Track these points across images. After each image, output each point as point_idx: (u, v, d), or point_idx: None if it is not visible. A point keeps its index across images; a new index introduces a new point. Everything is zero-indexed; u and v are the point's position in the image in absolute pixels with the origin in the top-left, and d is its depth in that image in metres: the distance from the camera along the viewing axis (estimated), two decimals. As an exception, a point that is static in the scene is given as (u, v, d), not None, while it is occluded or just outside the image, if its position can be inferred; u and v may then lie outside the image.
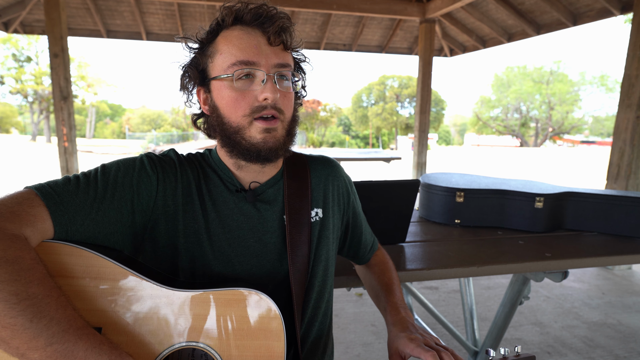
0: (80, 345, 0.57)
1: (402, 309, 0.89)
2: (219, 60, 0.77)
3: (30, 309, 0.55)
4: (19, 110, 42.41)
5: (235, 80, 0.76)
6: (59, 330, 0.56)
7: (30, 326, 0.54)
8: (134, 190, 0.75)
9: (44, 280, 0.59)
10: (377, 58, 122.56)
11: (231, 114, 0.78)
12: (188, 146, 20.97)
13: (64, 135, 5.16)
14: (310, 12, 6.73)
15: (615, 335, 2.62)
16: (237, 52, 0.75)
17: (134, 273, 0.69)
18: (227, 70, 0.76)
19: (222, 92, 0.78)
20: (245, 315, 0.72)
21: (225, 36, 0.77)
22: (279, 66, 0.77)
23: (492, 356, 0.72)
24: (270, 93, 0.75)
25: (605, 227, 1.77)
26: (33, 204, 0.65)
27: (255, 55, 0.75)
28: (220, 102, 0.79)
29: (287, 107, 0.80)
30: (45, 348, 0.55)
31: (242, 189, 0.85)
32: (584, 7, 4.98)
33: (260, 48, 0.76)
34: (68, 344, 0.56)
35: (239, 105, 0.76)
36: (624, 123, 3.80)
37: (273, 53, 0.77)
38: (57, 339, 0.55)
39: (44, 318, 0.55)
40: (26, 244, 0.61)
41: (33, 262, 0.60)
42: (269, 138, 0.78)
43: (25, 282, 0.56)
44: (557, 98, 37.92)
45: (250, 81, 0.76)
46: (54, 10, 4.90)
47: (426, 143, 6.67)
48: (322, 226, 0.91)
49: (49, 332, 0.55)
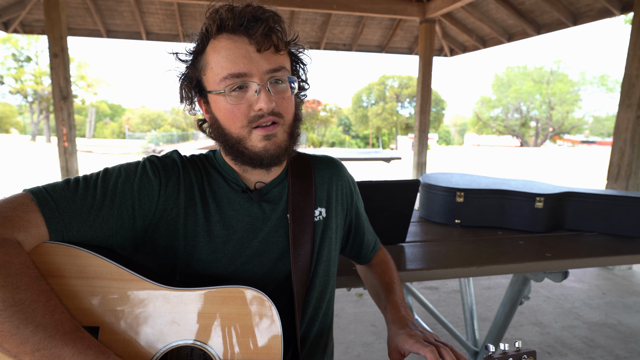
0: (66, 351, 0.58)
1: (402, 307, 0.89)
2: (211, 74, 0.76)
3: (16, 315, 0.56)
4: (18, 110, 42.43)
5: (227, 94, 0.74)
6: (45, 336, 0.57)
7: (17, 332, 0.56)
8: (135, 196, 0.74)
9: (32, 285, 0.59)
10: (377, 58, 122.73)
11: (230, 126, 0.77)
12: (188, 146, 20.97)
13: (63, 135, 5.16)
14: (310, 12, 6.72)
15: (615, 336, 2.61)
16: (227, 64, 0.73)
17: (131, 272, 0.69)
18: (220, 84, 0.75)
19: (218, 104, 0.77)
20: (243, 313, 0.72)
21: (214, 47, 0.75)
22: (271, 72, 0.75)
23: (491, 351, 0.72)
24: (264, 103, 0.74)
25: (606, 227, 1.77)
26: (27, 210, 0.65)
27: (246, 66, 0.73)
28: (219, 114, 0.78)
29: (286, 109, 0.79)
30: (33, 353, 0.56)
31: (247, 189, 0.85)
32: (584, 7, 4.97)
33: (250, 57, 0.73)
34: (55, 349, 0.57)
35: (235, 117, 0.76)
36: (624, 123, 3.80)
37: (263, 59, 0.74)
38: (43, 345, 0.57)
39: (30, 324, 0.56)
40: (16, 249, 0.61)
41: (22, 266, 0.60)
42: (270, 145, 0.77)
43: (12, 288, 0.57)
44: (557, 98, 37.93)
45: (244, 92, 0.75)
46: (53, 10, 4.90)
47: (426, 143, 6.66)
48: (325, 226, 0.91)
49: (36, 339, 0.56)
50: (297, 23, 6.97)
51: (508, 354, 0.71)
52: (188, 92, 0.81)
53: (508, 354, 0.71)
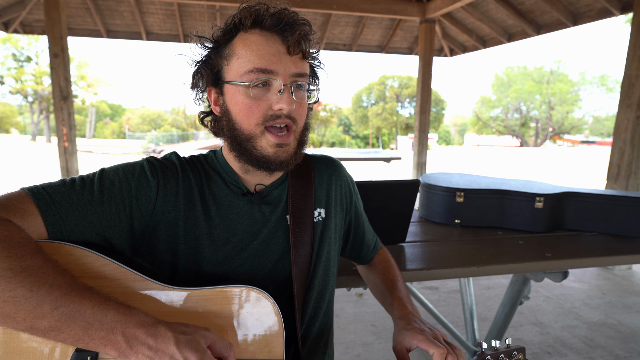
0: (85, 304, 0.57)
1: (409, 303, 0.90)
2: (235, 65, 0.75)
3: (28, 279, 0.55)
4: (18, 110, 42.44)
5: (251, 87, 0.74)
6: (61, 294, 0.56)
7: (31, 295, 0.55)
8: (133, 196, 0.74)
9: (36, 254, 0.59)
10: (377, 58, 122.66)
11: (243, 121, 0.76)
12: (188, 146, 20.95)
13: (63, 135, 5.16)
14: (310, 12, 6.71)
15: (615, 336, 2.62)
16: (256, 58, 0.73)
17: (133, 271, 0.70)
18: (244, 76, 0.74)
19: (235, 97, 0.76)
20: (244, 313, 0.72)
21: (244, 39, 0.75)
22: (296, 76, 0.76)
23: (484, 348, 0.73)
24: (286, 104, 0.74)
25: (606, 227, 1.77)
26: (22, 200, 0.65)
27: (274, 64, 0.73)
28: (233, 107, 0.77)
29: (301, 116, 0.79)
30: (51, 313, 0.55)
31: (248, 192, 0.84)
32: (584, 7, 4.98)
33: (280, 56, 0.74)
34: (73, 305, 0.56)
35: (252, 113, 0.75)
36: (624, 123, 3.80)
37: (292, 62, 0.75)
38: (61, 302, 0.56)
39: (44, 285, 0.56)
40: (15, 227, 0.61)
41: (23, 240, 0.60)
42: (281, 152, 0.77)
43: (17, 256, 0.57)
44: (557, 98, 37.94)
45: (266, 89, 0.75)
46: (53, 10, 4.90)
47: (426, 143, 6.67)
48: (325, 226, 0.91)
49: (51, 297, 0.55)
50: (297, 23, 6.97)
51: (499, 350, 0.74)
52: (202, 79, 0.80)
53: (499, 351, 0.73)
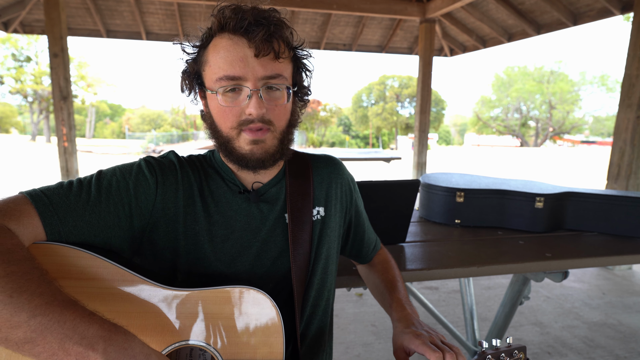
0: (67, 315, 0.53)
1: (408, 305, 0.89)
2: (209, 72, 0.77)
3: (9, 285, 0.52)
4: (18, 110, 42.43)
5: (222, 94, 0.75)
6: (41, 302, 0.53)
7: (10, 302, 0.51)
8: (132, 194, 0.74)
9: (24, 261, 0.57)
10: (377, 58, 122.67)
11: (221, 125, 0.79)
12: (188, 146, 20.95)
13: (63, 135, 5.16)
14: (310, 12, 6.72)
15: (615, 336, 2.61)
16: (223, 65, 0.73)
17: (132, 273, 0.69)
18: (215, 84, 0.75)
19: (212, 102, 0.78)
20: (244, 313, 0.72)
21: (215, 45, 0.75)
22: (266, 78, 0.74)
23: (484, 347, 0.73)
24: (254, 109, 0.74)
25: (606, 227, 1.77)
26: (19, 202, 0.65)
27: (241, 69, 0.73)
28: (213, 112, 0.80)
29: (278, 117, 0.78)
30: (27, 322, 0.51)
31: (245, 190, 0.85)
32: (584, 6, 4.97)
33: (246, 61, 0.73)
34: (53, 314, 0.52)
35: (226, 117, 0.77)
36: (624, 123, 3.80)
37: (260, 65, 0.73)
38: (40, 311, 0.52)
39: (25, 292, 0.52)
40: (8, 232, 0.60)
41: (13, 246, 0.58)
42: (257, 149, 0.78)
43: (2, 262, 0.54)
44: (557, 98, 37.93)
45: (237, 94, 0.75)
46: (53, 10, 4.90)
47: (426, 143, 6.66)
48: (324, 225, 0.91)
49: (31, 305, 0.52)
50: (297, 23, 6.97)
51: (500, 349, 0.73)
52: (189, 84, 0.82)
53: (500, 350, 0.73)
